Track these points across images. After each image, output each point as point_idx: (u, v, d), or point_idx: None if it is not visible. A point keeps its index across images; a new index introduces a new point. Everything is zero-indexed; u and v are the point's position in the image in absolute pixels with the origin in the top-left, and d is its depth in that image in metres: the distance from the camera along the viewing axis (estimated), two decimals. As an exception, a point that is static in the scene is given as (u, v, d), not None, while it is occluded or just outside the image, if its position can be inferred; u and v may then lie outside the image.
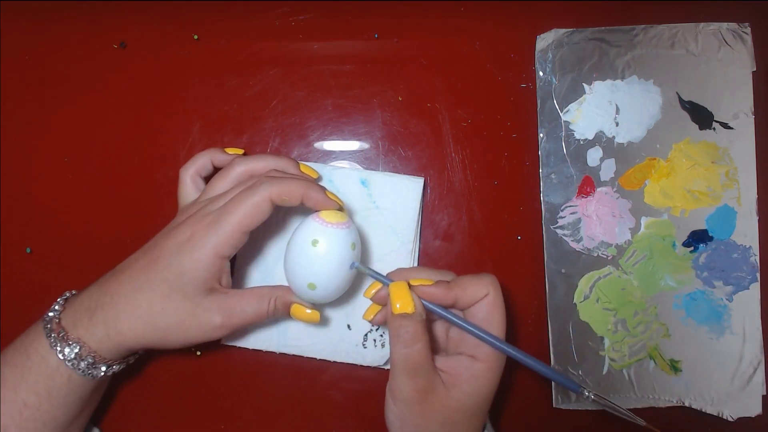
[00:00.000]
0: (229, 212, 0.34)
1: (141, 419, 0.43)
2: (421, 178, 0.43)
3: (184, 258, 0.34)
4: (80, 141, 0.44)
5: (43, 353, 0.34)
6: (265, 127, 0.45)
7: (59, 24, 0.45)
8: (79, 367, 0.34)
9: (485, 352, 0.33)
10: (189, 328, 0.35)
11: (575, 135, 0.44)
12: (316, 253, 0.35)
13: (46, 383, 0.34)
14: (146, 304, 0.34)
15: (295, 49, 0.45)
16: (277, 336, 0.42)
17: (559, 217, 0.43)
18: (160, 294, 0.34)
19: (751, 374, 0.42)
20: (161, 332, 0.35)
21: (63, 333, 0.34)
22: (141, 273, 0.35)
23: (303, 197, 0.35)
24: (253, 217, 0.34)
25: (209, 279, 0.35)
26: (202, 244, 0.34)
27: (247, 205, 0.34)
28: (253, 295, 0.36)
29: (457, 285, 0.34)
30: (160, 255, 0.35)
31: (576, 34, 0.44)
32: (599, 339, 0.43)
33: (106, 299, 0.35)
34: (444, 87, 0.45)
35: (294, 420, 0.43)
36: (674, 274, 0.43)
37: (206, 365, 0.43)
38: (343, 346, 0.42)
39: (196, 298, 0.35)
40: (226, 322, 0.35)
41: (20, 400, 0.34)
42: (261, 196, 0.34)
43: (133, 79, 0.45)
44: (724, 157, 0.43)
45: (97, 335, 0.34)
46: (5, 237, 0.44)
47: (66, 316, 0.35)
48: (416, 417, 0.33)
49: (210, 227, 0.34)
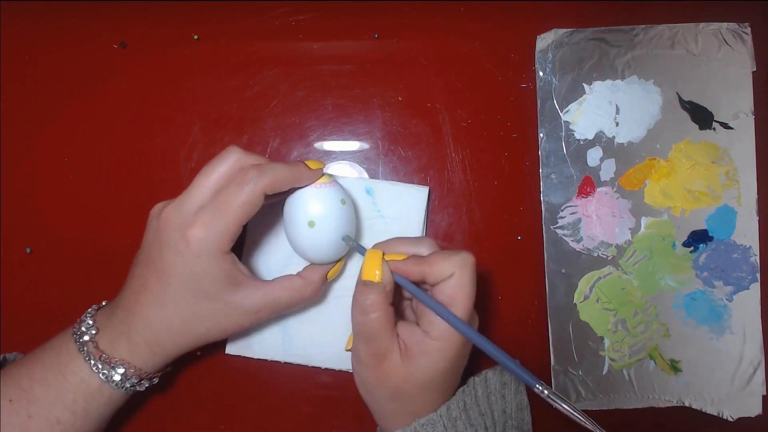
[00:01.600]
0: (224, 210, 0.34)
1: (140, 419, 0.43)
2: (426, 187, 0.43)
3: (192, 264, 0.34)
4: (80, 141, 0.44)
5: (83, 376, 0.35)
6: (265, 127, 0.45)
7: (59, 24, 0.45)
8: (123, 386, 0.35)
9: (439, 330, 0.33)
10: (226, 326, 0.36)
11: (575, 135, 0.44)
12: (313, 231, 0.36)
13: (84, 403, 0.35)
14: (178, 317, 0.35)
15: (295, 49, 0.45)
16: (283, 345, 0.42)
17: (559, 217, 0.43)
18: (187, 304, 0.35)
19: (751, 374, 0.42)
20: (201, 336, 0.36)
21: (105, 357, 0.35)
22: (158, 289, 0.35)
23: (294, 183, 0.36)
24: (248, 212, 0.34)
25: (226, 275, 0.35)
26: (204, 247, 0.34)
27: (243, 203, 0.34)
28: (285, 285, 0.37)
29: (426, 261, 0.34)
30: (166, 266, 0.34)
31: (576, 34, 0.44)
32: (599, 339, 0.43)
33: (137, 321, 0.35)
34: (444, 87, 0.45)
35: (294, 420, 0.43)
36: (674, 274, 0.43)
37: (206, 365, 0.43)
38: (348, 355, 0.41)
39: (224, 296, 0.35)
40: (263, 311, 0.36)
41: (54, 418, 0.34)
42: (254, 192, 0.34)
43: (133, 79, 0.45)
44: (724, 157, 0.43)
45: (142, 355, 0.35)
46: (5, 237, 0.44)
47: (102, 339, 0.35)
48: (372, 379, 0.34)
49: (208, 228, 0.34)
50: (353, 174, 0.44)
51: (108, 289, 0.39)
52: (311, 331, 0.42)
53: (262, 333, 0.42)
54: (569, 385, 0.42)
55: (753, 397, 0.42)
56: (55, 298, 0.43)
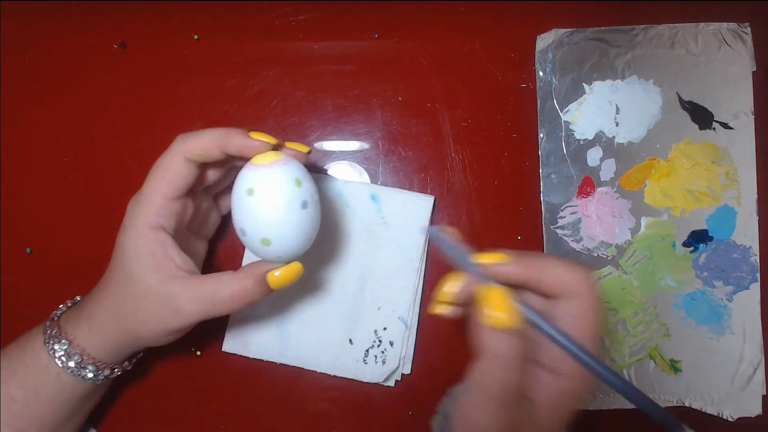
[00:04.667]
0: (146, 182, 0.33)
1: (140, 419, 0.43)
2: (432, 196, 0.43)
3: (121, 237, 0.34)
4: (80, 141, 0.44)
5: (36, 349, 0.35)
6: (265, 127, 0.44)
7: (59, 24, 0.45)
8: (68, 366, 0.34)
9: (571, 365, 0.26)
10: (164, 318, 0.33)
11: (575, 135, 0.44)
12: (256, 203, 0.30)
13: (34, 380, 0.34)
14: (111, 298, 0.34)
15: (295, 49, 0.45)
16: (279, 346, 0.42)
17: (559, 217, 0.43)
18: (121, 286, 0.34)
19: (751, 374, 0.42)
20: (132, 327, 0.34)
21: (57, 330, 0.35)
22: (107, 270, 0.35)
23: (222, 147, 0.32)
24: (170, 181, 0.32)
25: (149, 253, 0.32)
26: (130, 222, 0.33)
27: (160, 169, 0.32)
28: (225, 277, 0.33)
29: (534, 264, 0.27)
30: (115, 247, 0.34)
31: (576, 34, 0.44)
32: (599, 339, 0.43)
33: (87, 300, 0.36)
34: (444, 87, 0.45)
35: (294, 420, 0.43)
36: (674, 274, 0.43)
37: (206, 365, 0.43)
38: (343, 360, 0.41)
39: (146, 279, 0.32)
40: (198, 308, 0.32)
41: (8, 395, 0.34)
42: (172, 157, 0.32)
43: (133, 79, 0.45)
44: (724, 157, 0.43)
45: (85, 334, 0.35)
46: (5, 237, 0.44)
47: (65, 317, 0.36)
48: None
49: (134, 203, 0.33)
50: (354, 175, 0.44)
51: (108, 289, 0.39)
52: (308, 334, 0.42)
53: (258, 333, 0.42)
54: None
55: (753, 397, 0.42)
56: (55, 298, 0.43)
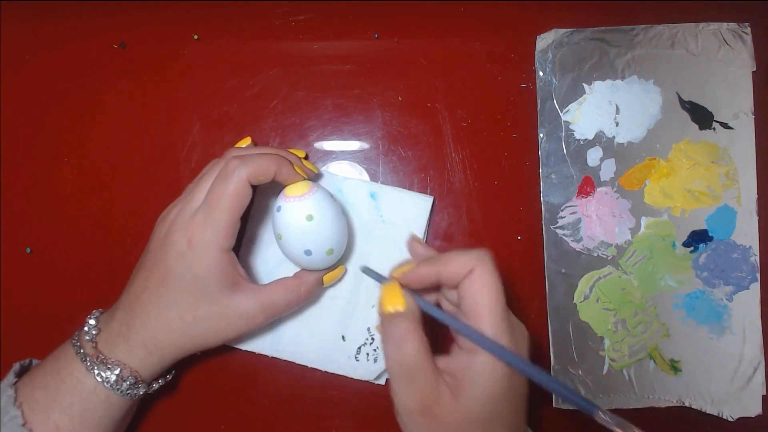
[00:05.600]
0: (215, 207, 0.34)
1: (139, 419, 0.43)
2: (431, 197, 0.43)
3: (193, 265, 0.34)
4: (80, 141, 0.44)
5: (79, 377, 0.34)
6: (265, 127, 0.45)
7: (59, 24, 0.45)
8: (119, 389, 0.34)
9: None
10: (224, 330, 0.36)
11: (575, 135, 0.44)
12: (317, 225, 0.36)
13: (81, 406, 0.34)
14: (178, 318, 0.35)
15: (295, 49, 0.45)
16: (271, 340, 0.42)
17: (559, 217, 0.43)
18: (188, 306, 0.35)
19: (751, 374, 0.42)
20: (198, 339, 0.36)
21: (101, 357, 0.34)
22: (160, 291, 0.35)
23: (276, 174, 0.35)
24: (240, 205, 0.34)
25: (225, 275, 0.35)
26: (204, 246, 0.34)
27: (231, 195, 0.34)
28: (280, 286, 0.37)
29: (440, 260, 0.31)
30: (169, 269, 0.34)
31: (576, 34, 0.44)
32: (599, 339, 0.43)
33: (137, 322, 0.35)
34: (444, 87, 0.45)
35: (294, 420, 0.43)
36: (674, 274, 0.43)
37: (205, 365, 0.43)
38: (335, 357, 0.41)
39: (223, 299, 0.35)
40: (264, 315, 0.36)
41: (52, 423, 0.34)
42: (240, 182, 0.34)
43: (133, 79, 0.45)
44: (724, 157, 0.43)
45: (139, 355, 0.35)
46: (5, 237, 0.44)
47: (101, 340, 0.35)
48: (421, 430, 0.29)
49: (205, 227, 0.34)
50: (355, 175, 0.44)
51: (108, 289, 0.39)
52: (302, 330, 0.42)
53: None
54: (569, 385, 0.42)
55: (753, 397, 0.42)
56: (55, 299, 0.43)
